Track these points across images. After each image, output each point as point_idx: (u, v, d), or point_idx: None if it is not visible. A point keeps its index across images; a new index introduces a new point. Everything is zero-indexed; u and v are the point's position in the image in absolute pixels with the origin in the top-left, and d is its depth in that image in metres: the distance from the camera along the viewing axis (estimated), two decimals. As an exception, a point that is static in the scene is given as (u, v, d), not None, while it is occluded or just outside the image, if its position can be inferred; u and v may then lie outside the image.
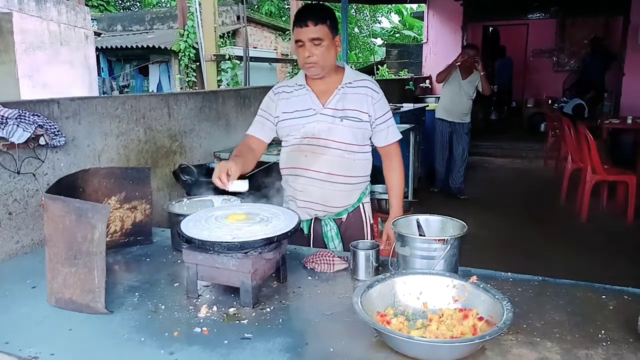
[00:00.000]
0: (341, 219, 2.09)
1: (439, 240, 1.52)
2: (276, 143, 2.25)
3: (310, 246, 2.06)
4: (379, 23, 19.18)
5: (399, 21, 18.51)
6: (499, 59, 11.35)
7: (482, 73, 5.58)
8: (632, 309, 1.37)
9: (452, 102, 5.80)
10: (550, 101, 9.30)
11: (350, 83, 2.00)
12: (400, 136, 2.10)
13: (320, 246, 2.05)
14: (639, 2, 8.07)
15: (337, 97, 1.98)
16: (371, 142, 2.09)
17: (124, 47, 11.50)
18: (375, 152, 2.11)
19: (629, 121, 6.80)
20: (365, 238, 2.09)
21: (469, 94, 5.72)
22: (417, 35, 16.07)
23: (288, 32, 13.65)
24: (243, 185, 1.70)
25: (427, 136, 6.34)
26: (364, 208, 2.13)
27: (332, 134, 1.96)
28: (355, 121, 1.97)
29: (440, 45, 9.97)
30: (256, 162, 2.02)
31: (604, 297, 1.48)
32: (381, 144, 2.09)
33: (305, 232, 2.09)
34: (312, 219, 2.08)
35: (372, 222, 2.17)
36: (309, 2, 12.20)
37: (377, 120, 2.02)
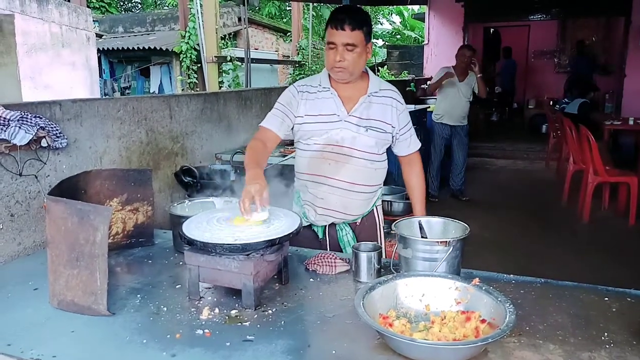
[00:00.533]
0: (355, 223, 2.08)
1: (441, 242, 1.52)
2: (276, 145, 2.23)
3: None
4: (380, 24, 19.14)
5: (400, 22, 18.50)
6: (505, 60, 11.34)
7: (478, 75, 5.54)
8: (635, 311, 1.37)
9: (451, 105, 5.73)
10: (551, 102, 9.29)
11: (376, 92, 1.97)
12: (420, 144, 2.11)
13: (336, 251, 2.02)
14: (640, 2, 8.07)
15: (362, 106, 1.95)
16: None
17: (126, 48, 11.51)
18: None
19: (631, 122, 6.77)
20: (379, 240, 2.09)
21: (467, 96, 5.67)
22: (418, 37, 16.06)
23: (289, 33, 13.65)
24: (263, 216, 1.57)
25: (428, 137, 6.32)
26: (377, 211, 2.13)
27: (356, 142, 1.94)
28: (379, 132, 1.96)
29: (441, 46, 9.95)
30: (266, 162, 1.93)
31: (606, 299, 1.48)
32: (404, 153, 2.10)
33: (320, 236, 2.07)
34: (327, 224, 2.06)
35: (384, 224, 2.16)
36: (309, 3, 12.20)
37: (401, 130, 2.02)
